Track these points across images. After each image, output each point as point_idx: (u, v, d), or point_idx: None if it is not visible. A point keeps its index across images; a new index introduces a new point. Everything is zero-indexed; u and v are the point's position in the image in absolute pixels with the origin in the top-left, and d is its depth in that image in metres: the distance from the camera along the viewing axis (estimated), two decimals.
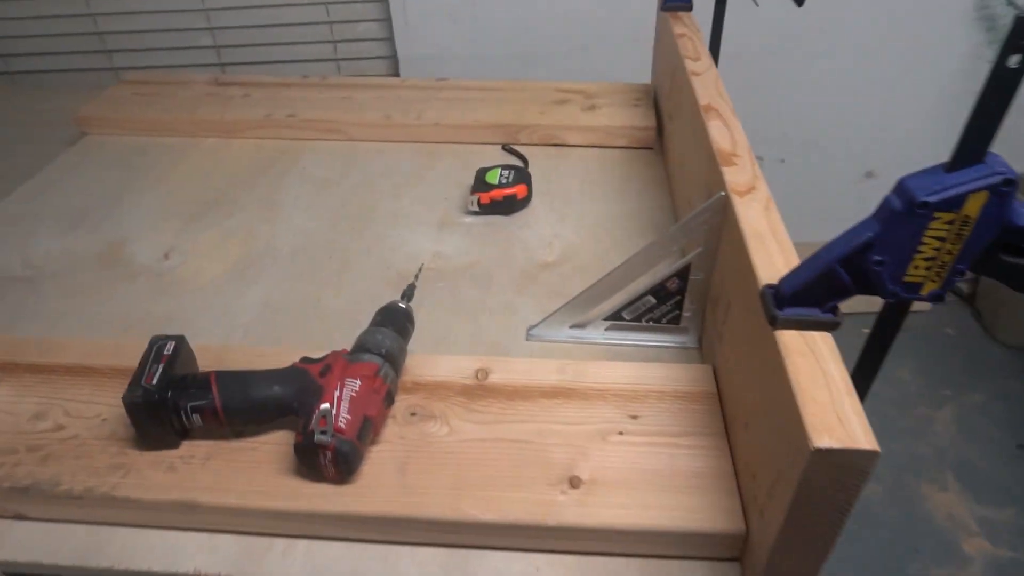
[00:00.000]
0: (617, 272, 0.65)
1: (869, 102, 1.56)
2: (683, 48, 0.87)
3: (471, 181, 0.95)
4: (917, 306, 0.45)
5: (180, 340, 0.57)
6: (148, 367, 0.54)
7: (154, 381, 0.53)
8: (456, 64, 1.53)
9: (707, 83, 0.78)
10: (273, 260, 0.82)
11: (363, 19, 1.50)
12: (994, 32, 1.44)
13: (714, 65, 0.82)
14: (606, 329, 0.70)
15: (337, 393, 0.53)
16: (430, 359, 0.63)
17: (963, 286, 1.88)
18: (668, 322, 0.68)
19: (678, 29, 0.92)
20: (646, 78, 1.17)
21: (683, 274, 0.65)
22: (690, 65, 0.82)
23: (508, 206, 0.88)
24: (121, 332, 0.72)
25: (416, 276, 0.68)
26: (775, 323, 0.43)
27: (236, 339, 0.71)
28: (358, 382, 0.55)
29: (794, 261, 0.51)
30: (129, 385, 0.54)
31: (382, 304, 0.64)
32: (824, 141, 1.61)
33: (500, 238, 0.85)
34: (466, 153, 1.03)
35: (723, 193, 0.59)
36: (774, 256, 0.51)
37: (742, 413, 0.53)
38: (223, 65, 1.59)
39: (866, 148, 1.60)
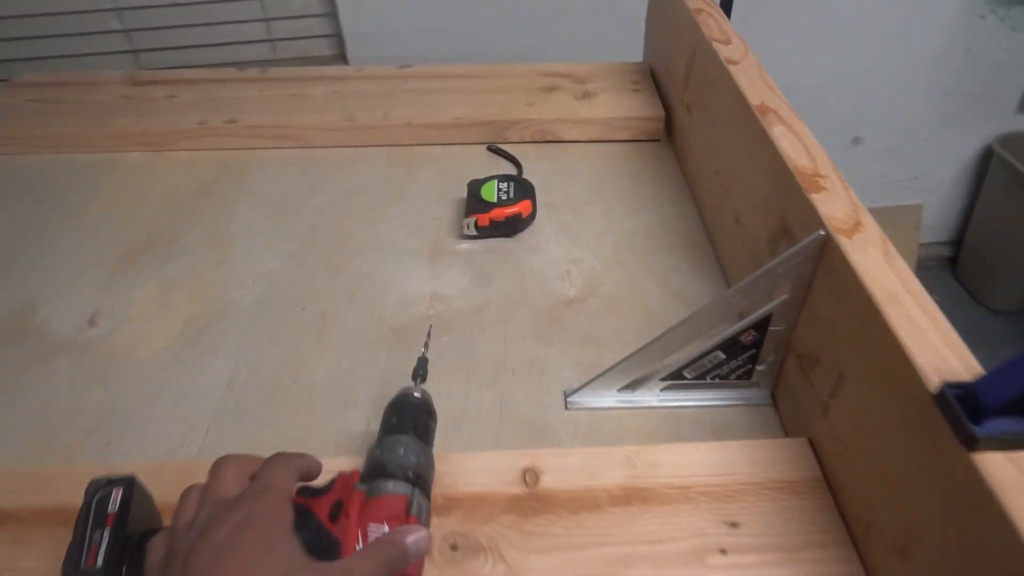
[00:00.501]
0: (679, 330, 0.53)
1: (856, 67, 1.47)
2: (706, 28, 0.73)
3: (459, 193, 0.80)
4: None
5: (129, 484, 0.42)
6: (89, 535, 0.39)
7: (99, 560, 0.38)
8: (411, 41, 1.35)
9: (751, 75, 0.65)
10: (232, 318, 0.66)
11: None
12: None
13: (750, 49, 0.69)
14: (662, 390, 0.57)
15: (360, 549, 0.40)
16: (461, 460, 0.50)
17: (945, 252, 1.84)
18: (737, 378, 0.57)
19: (692, 3, 0.79)
20: (631, 53, 1.03)
21: (762, 325, 0.53)
22: (722, 50, 0.69)
23: (511, 227, 0.74)
24: (42, 444, 0.56)
25: (425, 344, 0.54)
26: (974, 444, 0.31)
27: (198, 438, 0.56)
28: (384, 527, 0.41)
29: (953, 337, 0.39)
30: (64, 566, 0.38)
31: (377, 371, 0.51)
32: (810, 107, 1.50)
33: (507, 268, 0.71)
34: (447, 157, 0.87)
35: (822, 233, 0.47)
36: (926, 332, 0.39)
37: (879, 520, 0.42)
38: (135, 52, 1.37)
39: (853, 114, 1.51)
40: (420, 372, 0.52)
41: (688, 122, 0.80)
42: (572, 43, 1.38)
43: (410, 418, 0.47)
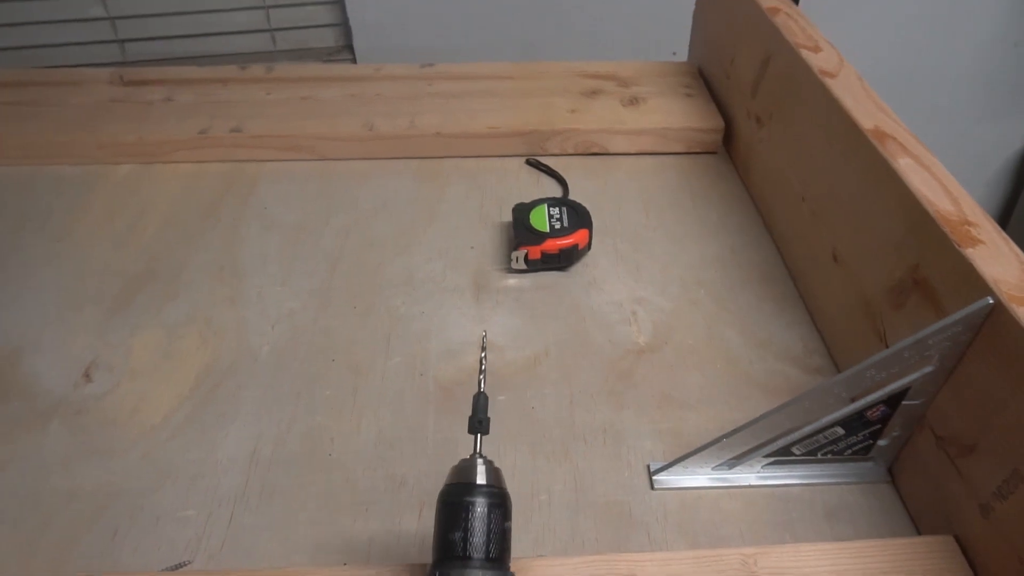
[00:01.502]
0: (795, 405, 0.44)
1: (898, 56, 1.38)
2: (788, 31, 0.64)
3: (499, 216, 0.71)
4: None
5: None
6: None
7: None
8: (425, 30, 1.25)
9: (855, 91, 0.56)
10: (251, 372, 0.57)
11: None
12: None
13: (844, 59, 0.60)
14: (764, 467, 0.49)
15: None
16: (542, 568, 0.41)
17: None
18: (854, 454, 0.48)
19: (765, 1, 0.69)
20: (667, 44, 0.94)
21: (895, 399, 0.44)
22: (812, 60, 0.60)
23: (565, 259, 0.65)
24: (35, 531, 0.47)
25: (481, 367, 0.44)
26: None
27: (220, 528, 0.47)
28: None
29: None
30: None
31: (425, 439, 0.42)
32: None
33: (563, 310, 0.62)
34: (481, 172, 0.78)
35: (991, 301, 0.39)
36: None
37: None
38: (121, 42, 1.25)
39: (896, 105, 1.42)
40: (481, 420, 0.41)
41: (757, 135, 0.72)
42: (597, 32, 1.29)
43: (480, 530, 0.37)
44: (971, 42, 1.40)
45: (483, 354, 0.45)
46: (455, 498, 0.38)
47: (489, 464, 0.39)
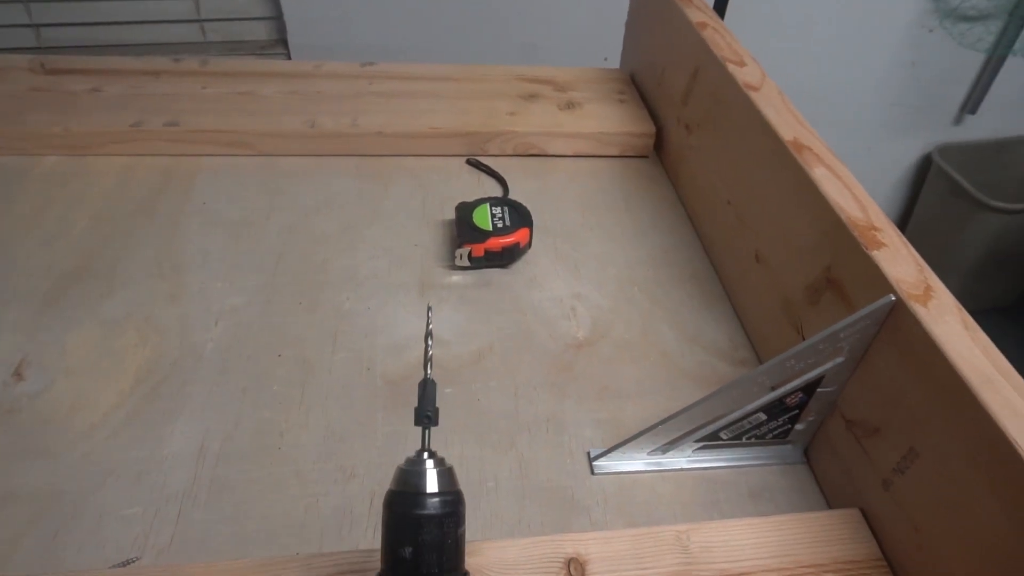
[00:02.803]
0: (723, 393, 0.48)
1: (807, 75, 1.47)
2: (715, 45, 0.69)
3: (442, 214, 0.73)
4: None
5: None
6: None
7: None
8: (361, 28, 1.24)
9: (776, 104, 0.60)
10: (195, 369, 0.57)
11: None
12: (940, 1, 1.38)
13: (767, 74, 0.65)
14: (695, 451, 0.53)
15: None
16: (493, 550, 0.43)
17: None
18: (774, 437, 0.53)
19: (694, 16, 0.74)
20: (599, 50, 0.98)
21: (811, 387, 0.49)
22: (737, 73, 0.64)
23: (507, 257, 0.67)
24: None
25: (426, 353, 0.41)
26: None
27: (167, 526, 0.47)
28: None
29: None
30: None
31: (374, 432, 0.39)
32: None
33: (506, 306, 0.65)
34: (424, 170, 0.80)
35: (893, 298, 0.43)
36: (1019, 410, 0.36)
37: None
38: (36, 27, 1.19)
39: (807, 118, 1.52)
40: (429, 413, 0.39)
41: (687, 142, 0.76)
42: (533, 38, 1.32)
43: (432, 544, 0.34)
44: (875, 63, 1.51)
45: (429, 328, 0.42)
46: (403, 509, 0.35)
47: (440, 465, 0.37)
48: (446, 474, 0.37)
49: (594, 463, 0.52)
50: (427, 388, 0.39)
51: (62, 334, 0.59)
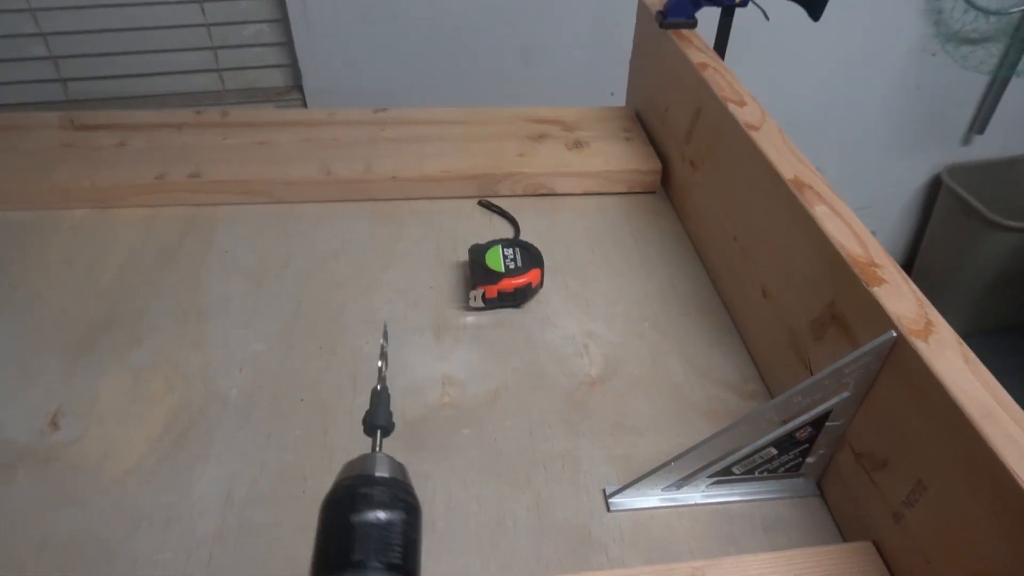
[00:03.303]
0: (735, 429, 0.50)
1: (814, 101, 1.49)
2: (716, 85, 0.71)
3: (455, 256, 0.75)
4: None
5: None
6: None
7: None
8: (373, 73, 1.28)
9: (776, 143, 0.62)
10: (220, 414, 0.59)
11: (250, 20, 1.21)
12: (941, 25, 1.40)
13: (767, 113, 0.67)
14: (708, 486, 0.54)
15: None
16: None
17: None
18: (786, 471, 0.54)
19: (695, 56, 0.76)
20: (603, 84, 1.01)
21: (819, 421, 0.50)
22: (738, 113, 0.66)
23: (519, 297, 0.69)
24: None
25: (381, 356, 0.42)
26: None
27: (199, 570, 0.48)
28: None
29: None
30: None
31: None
32: None
33: (520, 345, 0.66)
34: (436, 213, 0.82)
35: (894, 334, 0.45)
36: (1021, 442, 0.37)
37: None
38: (64, 81, 1.24)
39: (812, 144, 1.54)
40: (380, 425, 0.37)
41: (692, 178, 0.78)
42: (542, 74, 1.35)
43: (378, 532, 0.29)
44: (878, 86, 1.53)
45: (383, 343, 0.42)
46: (344, 494, 0.31)
47: (391, 459, 0.34)
48: (399, 467, 0.34)
49: (610, 500, 0.53)
50: (379, 396, 0.39)
51: (94, 382, 0.61)
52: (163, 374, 0.62)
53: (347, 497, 0.31)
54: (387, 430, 0.37)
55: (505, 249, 0.71)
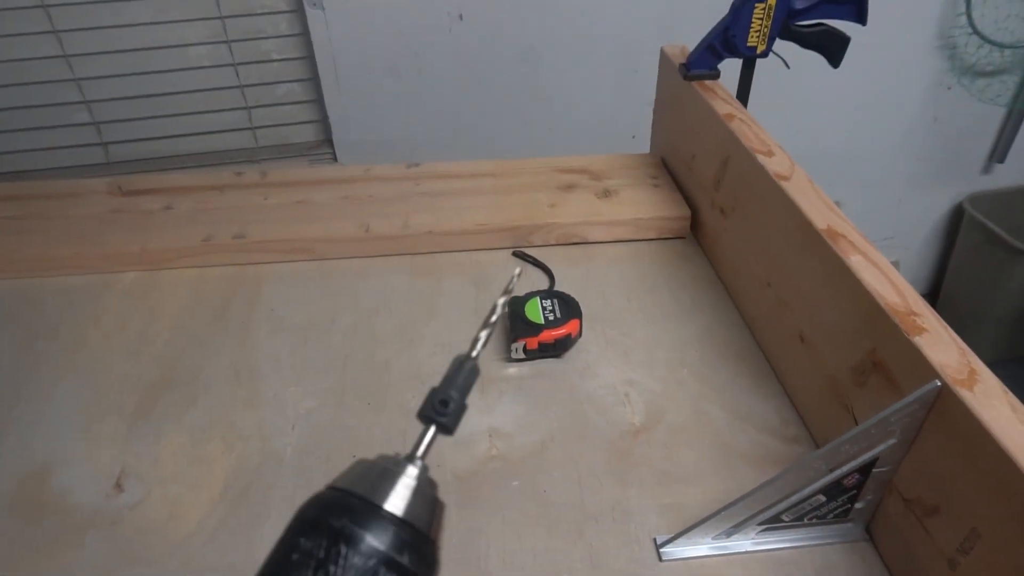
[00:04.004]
0: (784, 478, 0.51)
1: (836, 135, 1.52)
2: (743, 136, 0.73)
3: (491, 305, 0.77)
4: None
5: None
6: None
7: None
8: (401, 125, 1.33)
9: (807, 193, 0.64)
10: (277, 473, 0.61)
11: (282, 80, 1.26)
12: (955, 60, 1.42)
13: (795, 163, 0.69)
14: (758, 533, 0.55)
15: None
16: None
17: None
18: (835, 517, 0.55)
19: (721, 108, 0.79)
20: (626, 127, 1.03)
21: (866, 467, 0.51)
22: (767, 164, 0.69)
23: (560, 347, 0.71)
24: None
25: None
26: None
27: None
28: None
29: None
30: None
31: (449, 531, 0.41)
32: None
33: (563, 395, 0.68)
34: (472, 265, 0.84)
35: (939, 383, 0.46)
36: None
37: None
38: (105, 144, 1.30)
39: (834, 179, 1.56)
40: (439, 417, 0.30)
41: (722, 224, 0.80)
42: (566, 121, 1.39)
43: None
44: (897, 121, 1.55)
45: (494, 318, 0.34)
46: (311, 526, 0.23)
47: (423, 480, 0.26)
48: (428, 502, 0.25)
49: (661, 550, 0.54)
50: (459, 369, 0.30)
51: (155, 444, 0.63)
52: (220, 434, 0.64)
53: (313, 531, 0.20)
54: (447, 427, 0.27)
55: (544, 301, 0.73)
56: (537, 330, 0.70)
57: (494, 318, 0.36)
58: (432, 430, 0.31)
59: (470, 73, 1.30)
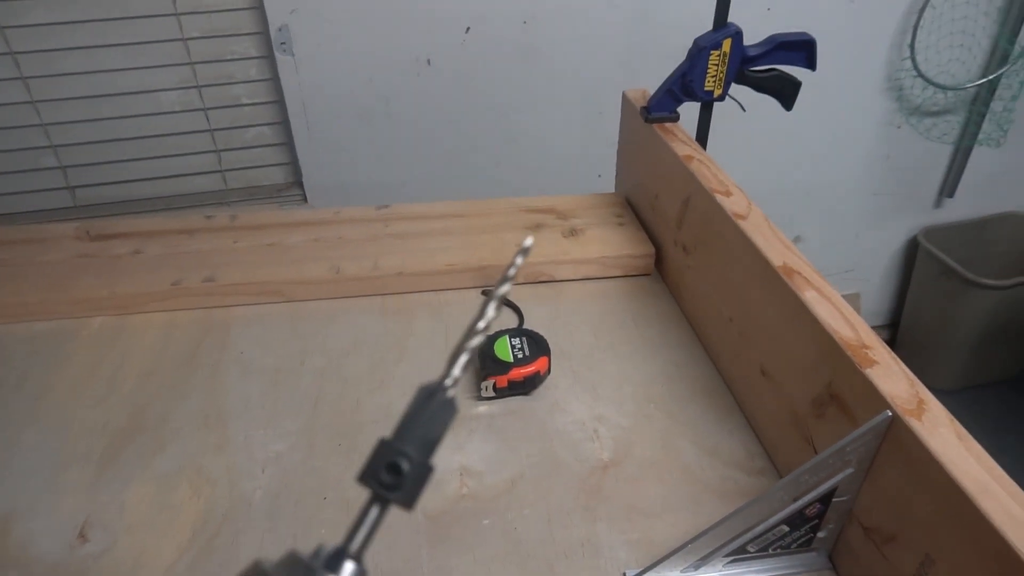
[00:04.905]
0: (747, 510, 0.52)
1: (794, 173, 1.57)
2: (702, 177, 0.76)
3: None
4: None
5: None
6: None
7: None
8: (371, 167, 1.34)
9: (764, 231, 0.67)
10: (247, 517, 0.60)
11: (253, 124, 1.28)
12: (903, 101, 1.49)
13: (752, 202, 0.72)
14: (725, 565, 0.56)
15: None
16: None
17: (883, 336, 1.95)
18: (798, 546, 0.56)
19: (680, 149, 0.82)
20: (591, 167, 1.06)
21: (826, 497, 0.52)
22: (725, 203, 0.71)
23: (529, 385, 0.72)
24: None
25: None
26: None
27: None
28: None
29: None
30: None
31: (422, 572, 0.42)
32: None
33: (532, 433, 0.69)
34: (442, 304, 0.85)
35: (889, 414, 0.48)
36: (1017, 516, 0.40)
37: None
38: (72, 188, 1.29)
39: (794, 215, 1.61)
40: (385, 480, 0.24)
41: (685, 262, 0.82)
42: (529, 160, 1.42)
43: None
44: (852, 158, 1.61)
45: (482, 323, 0.29)
46: None
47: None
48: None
49: None
50: (424, 407, 0.25)
51: (121, 492, 0.63)
52: (188, 479, 0.64)
53: None
54: (401, 501, 0.22)
55: (512, 339, 0.74)
56: (506, 368, 0.71)
57: (483, 323, 0.29)
58: (375, 509, 0.23)
59: (439, 116, 1.33)
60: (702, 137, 0.90)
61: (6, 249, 0.90)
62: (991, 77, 1.51)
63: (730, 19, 0.84)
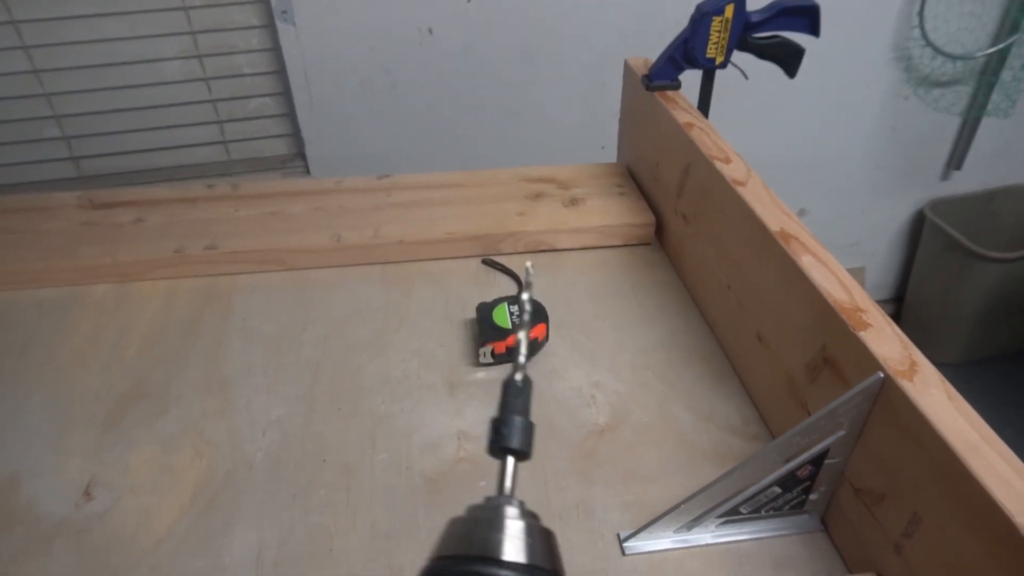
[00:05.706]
0: (740, 471, 0.52)
1: (799, 146, 1.56)
2: (702, 144, 0.76)
3: (463, 314, 0.79)
4: None
5: None
6: None
7: None
8: (373, 138, 1.34)
9: (762, 198, 0.67)
10: (247, 479, 0.61)
11: (255, 94, 1.27)
12: (911, 71, 1.47)
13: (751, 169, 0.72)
14: (717, 526, 0.56)
15: None
16: None
17: (888, 310, 1.94)
18: (791, 508, 0.56)
19: (681, 117, 0.81)
20: (594, 138, 1.06)
21: (818, 459, 0.53)
22: (725, 170, 0.71)
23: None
24: None
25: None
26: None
27: None
28: None
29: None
30: None
31: (418, 532, 0.43)
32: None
33: None
34: (442, 274, 0.86)
35: (881, 375, 0.48)
36: (1013, 483, 0.40)
37: None
38: (76, 159, 1.30)
39: (799, 188, 1.60)
40: (515, 447, 0.30)
41: (685, 231, 0.82)
42: (534, 134, 1.41)
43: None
44: (858, 130, 1.59)
45: (525, 300, 0.34)
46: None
47: (527, 516, 0.26)
48: (542, 538, 0.25)
49: (624, 544, 0.56)
50: (511, 390, 0.29)
51: (125, 454, 0.64)
52: (190, 442, 0.65)
53: None
54: (521, 452, 0.26)
55: (511, 306, 0.74)
56: (504, 334, 0.71)
57: (527, 315, 0.36)
58: (511, 462, 0.29)
59: (441, 86, 1.32)
60: (704, 105, 0.89)
61: (10, 217, 0.91)
62: (1001, 46, 1.49)
63: None
